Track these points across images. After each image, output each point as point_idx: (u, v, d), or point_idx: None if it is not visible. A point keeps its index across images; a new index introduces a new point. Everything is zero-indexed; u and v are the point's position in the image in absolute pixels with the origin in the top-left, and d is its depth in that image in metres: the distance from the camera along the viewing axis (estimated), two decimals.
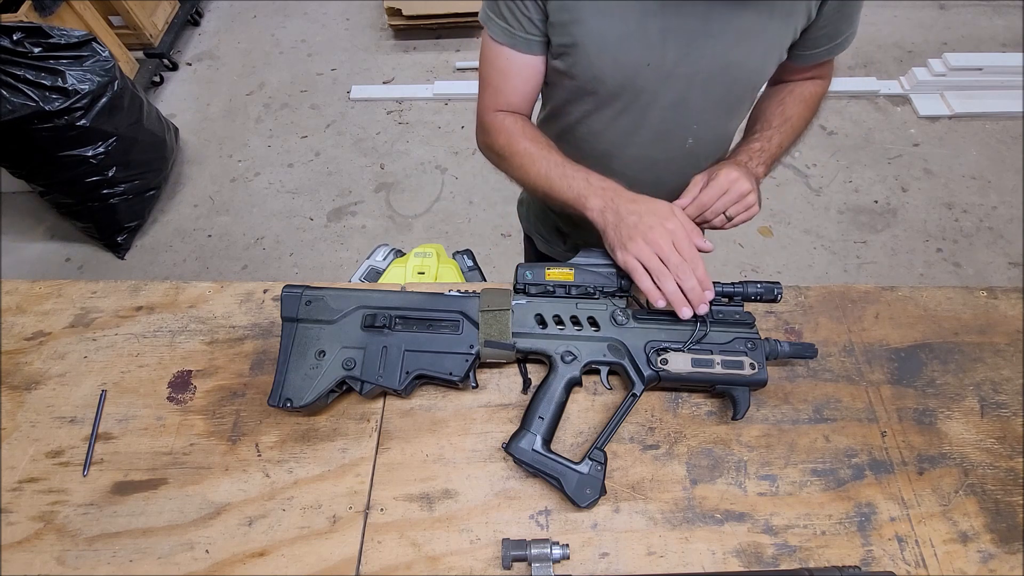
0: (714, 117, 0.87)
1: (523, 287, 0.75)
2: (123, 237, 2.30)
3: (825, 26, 0.81)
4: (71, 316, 0.84)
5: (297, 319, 0.72)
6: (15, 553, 0.65)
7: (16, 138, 1.93)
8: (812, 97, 0.93)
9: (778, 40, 0.79)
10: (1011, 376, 0.78)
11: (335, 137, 2.73)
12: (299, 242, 2.37)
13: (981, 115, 2.68)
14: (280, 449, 0.72)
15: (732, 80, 0.82)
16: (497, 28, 0.81)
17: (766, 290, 0.73)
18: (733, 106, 0.87)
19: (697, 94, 0.82)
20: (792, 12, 0.77)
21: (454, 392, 0.76)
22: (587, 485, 0.65)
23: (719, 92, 0.83)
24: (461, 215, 2.44)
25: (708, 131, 0.89)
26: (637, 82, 0.81)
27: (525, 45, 0.81)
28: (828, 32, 0.82)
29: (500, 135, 0.86)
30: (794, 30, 0.79)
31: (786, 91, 0.94)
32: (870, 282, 1.91)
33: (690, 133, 0.88)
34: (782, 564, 0.64)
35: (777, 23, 0.77)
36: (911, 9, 3.19)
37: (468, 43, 3.11)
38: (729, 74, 0.80)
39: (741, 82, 0.83)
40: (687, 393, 0.76)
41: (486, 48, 0.84)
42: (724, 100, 0.85)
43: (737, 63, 0.79)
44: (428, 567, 0.63)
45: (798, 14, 0.77)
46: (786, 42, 0.80)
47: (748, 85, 0.85)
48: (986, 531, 0.66)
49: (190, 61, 3.11)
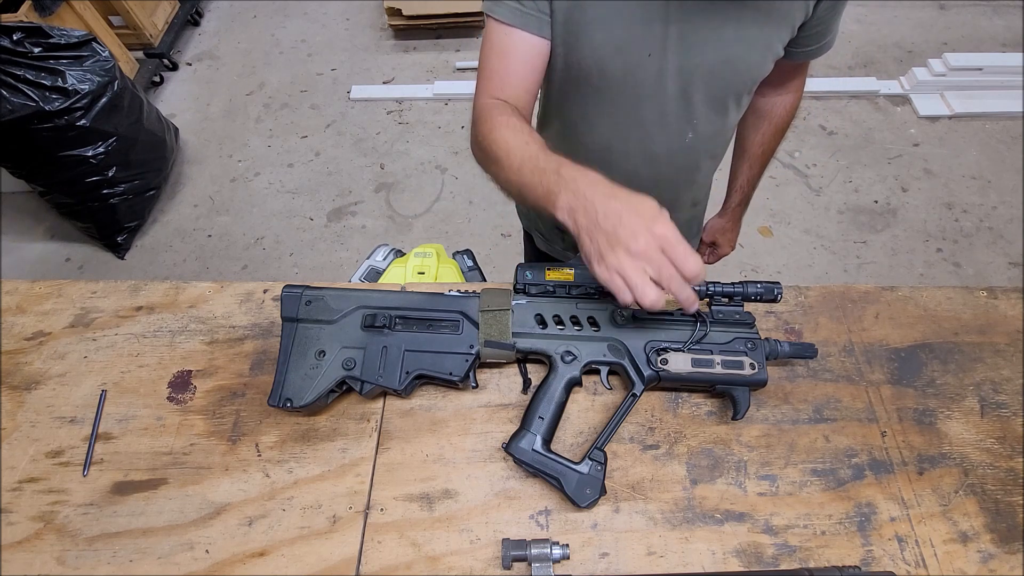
0: (713, 112, 0.88)
1: (523, 287, 0.75)
2: (123, 237, 2.30)
3: (817, 25, 0.82)
4: (71, 316, 0.84)
5: (297, 319, 0.72)
6: (15, 553, 0.65)
7: (16, 138, 1.93)
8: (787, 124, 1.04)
9: (777, 37, 0.80)
10: (1011, 376, 0.78)
11: (335, 137, 2.73)
12: (299, 242, 2.37)
13: (981, 115, 2.68)
14: (280, 449, 0.72)
15: (732, 74, 0.82)
16: (504, 9, 0.77)
17: (766, 290, 0.73)
18: (732, 101, 0.88)
19: (698, 88, 0.83)
20: (791, 9, 0.78)
21: (454, 392, 0.76)
22: (587, 485, 0.65)
23: (719, 87, 0.84)
24: (461, 215, 2.44)
25: (707, 125, 0.89)
26: (638, 73, 0.81)
27: (535, 24, 0.77)
28: (819, 31, 0.83)
29: (484, 123, 0.76)
30: (792, 27, 0.80)
31: (765, 123, 1.03)
32: (870, 282, 1.91)
33: (690, 127, 0.88)
34: (782, 564, 0.64)
35: (776, 20, 0.78)
36: (911, 9, 3.19)
37: (468, 43, 3.11)
38: (730, 68, 0.81)
39: (741, 76, 0.84)
40: (687, 393, 0.76)
41: (488, 35, 0.80)
42: (724, 95, 0.86)
43: (738, 58, 0.80)
44: (428, 567, 0.63)
45: (796, 12, 0.78)
46: (784, 38, 0.81)
47: (748, 80, 0.85)
48: (986, 531, 0.66)
49: (190, 61, 3.11)
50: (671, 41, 0.77)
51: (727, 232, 1.23)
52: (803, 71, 0.97)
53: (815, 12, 0.79)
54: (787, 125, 1.04)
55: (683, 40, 0.77)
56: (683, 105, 0.85)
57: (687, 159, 0.93)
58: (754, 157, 1.07)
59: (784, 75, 0.95)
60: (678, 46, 0.78)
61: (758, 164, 1.08)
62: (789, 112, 1.02)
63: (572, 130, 0.93)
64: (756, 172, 1.09)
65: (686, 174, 0.98)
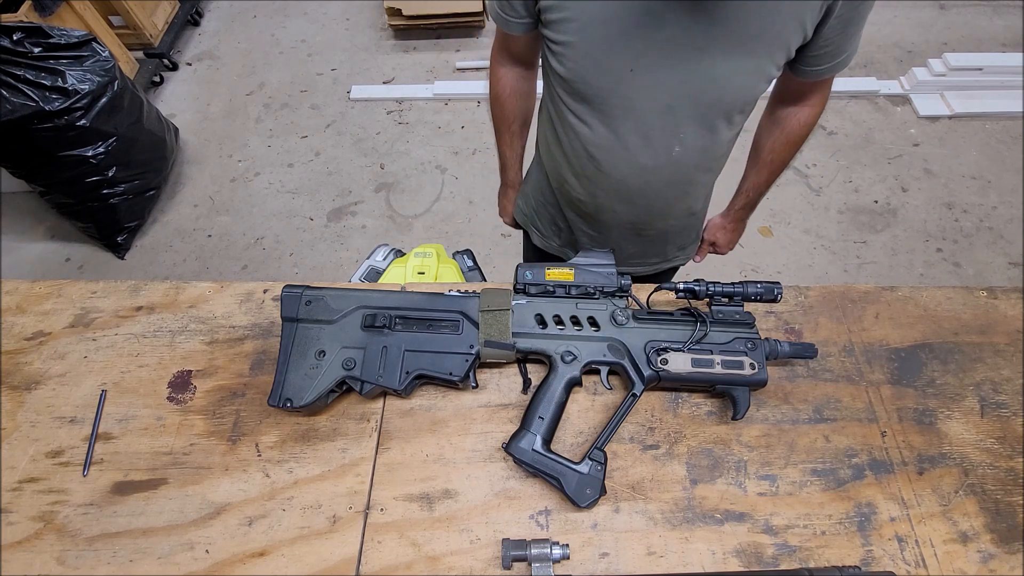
0: (702, 128, 0.86)
1: (523, 287, 0.75)
2: (123, 237, 2.30)
3: (827, 45, 0.80)
4: (71, 316, 0.84)
5: (297, 319, 0.72)
6: (15, 553, 0.65)
7: (16, 138, 1.93)
8: (801, 137, 1.00)
9: (769, 58, 0.78)
10: (1011, 376, 0.78)
11: (335, 137, 2.73)
12: (299, 242, 2.37)
13: (981, 115, 2.68)
14: (280, 449, 0.72)
15: (720, 93, 0.81)
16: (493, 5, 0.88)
17: (766, 290, 0.73)
18: (723, 119, 0.86)
19: (684, 104, 0.82)
20: (784, 31, 0.76)
21: (454, 392, 0.76)
22: (587, 485, 0.65)
23: (706, 104, 0.82)
24: (461, 215, 2.44)
25: (696, 141, 0.88)
26: (621, 87, 0.81)
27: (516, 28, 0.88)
28: (830, 51, 0.81)
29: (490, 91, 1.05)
30: (786, 50, 0.78)
31: (778, 131, 0.99)
32: (870, 282, 1.91)
33: (677, 142, 0.87)
34: (782, 564, 0.64)
35: (767, 43, 0.76)
36: (911, 9, 3.19)
37: (468, 43, 3.11)
38: (717, 87, 0.80)
39: (729, 96, 0.82)
40: (687, 393, 0.76)
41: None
42: (712, 112, 0.84)
43: (725, 77, 0.79)
44: (428, 567, 0.63)
45: (791, 33, 0.76)
46: (778, 60, 0.79)
47: (737, 99, 0.83)
48: (986, 531, 0.66)
49: (190, 61, 3.11)
50: (654, 59, 0.77)
51: (726, 231, 1.22)
52: (823, 87, 0.93)
53: (820, 33, 0.77)
54: (801, 139, 0.99)
55: (666, 59, 0.77)
56: (668, 120, 0.84)
57: (676, 172, 0.92)
58: (763, 164, 1.04)
59: (801, 89, 0.92)
60: (661, 64, 0.77)
61: (766, 171, 1.05)
62: (804, 126, 0.98)
63: (564, 133, 0.94)
64: (763, 179, 1.07)
65: (677, 186, 0.96)
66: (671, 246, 1.15)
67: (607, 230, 1.06)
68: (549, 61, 0.86)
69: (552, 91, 0.92)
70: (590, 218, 1.05)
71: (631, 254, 1.13)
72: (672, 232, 1.10)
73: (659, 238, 1.10)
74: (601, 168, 0.93)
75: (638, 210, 0.99)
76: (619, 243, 1.09)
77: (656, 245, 1.12)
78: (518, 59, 0.99)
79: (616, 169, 0.92)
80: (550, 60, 0.85)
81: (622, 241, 1.08)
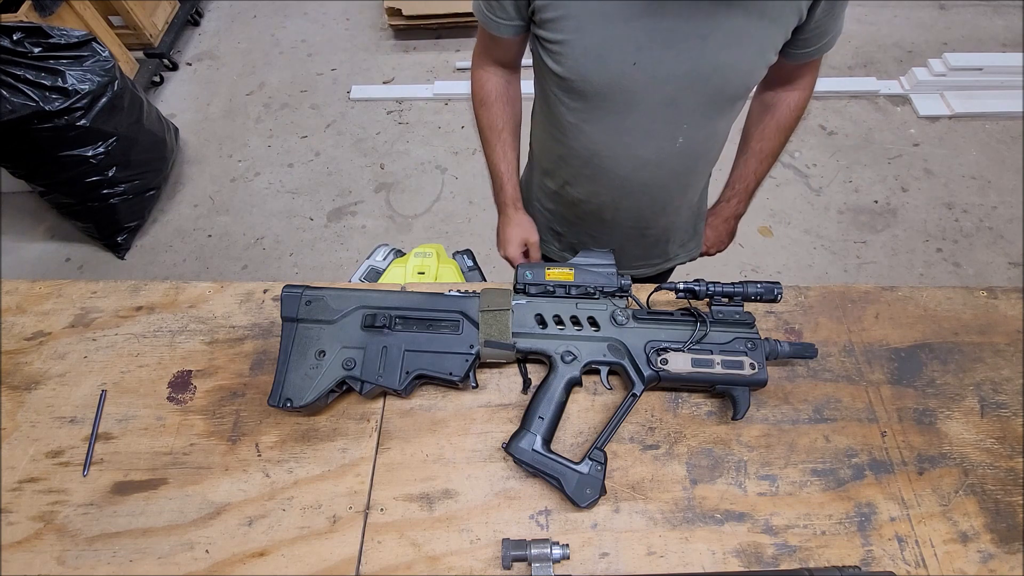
0: (705, 117, 0.87)
1: (523, 287, 0.75)
2: (123, 237, 2.30)
3: (816, 27, 0.81)
4: (71, 316, 0.84)
5: (297, 319, 0.72)
6: (15, 553, 0.65)
7: (16, 138, 1.93)
8: (792, 121, 1.00)
9: (770, 41, 0.79)
10: (1011, 376, 0.78)
11: (335, 137, 2.73)
12: (299, 242, 2.37)
13: (981, 115, 2.68)
14: (280, 449, 0.72)
15: (724, 81, 0.81)
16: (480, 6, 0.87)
17: (766, 290, 0.73)
18: (725, 106, 0.87)
19: (687, 95, 0.82)
20: (783, 13, 0.76)
21: (454, 392, 0.76)
22: (587, 485, 0.65)
23: (710, 93, 0.83)
24: (461, 215, 2.44)
25: (699, 131, 0.88)
26: (623, 82, 0.81)
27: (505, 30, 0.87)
28: (818, 32, 0.83)
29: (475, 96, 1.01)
30: (785, 31, 0.79)
31: (768, 117, 0.99)
32: (870, 282, 1.91)
33: (680, 133, 0.88)
34: (782, 564, 0.64)
35: (768, 24, 0.77)
36: (911, 9, 3.19)
37: (468, 43, 3.11)
38: (721, 75, 0.80)
39: (733, 83, 0.83)
40: (687, 393, 0.76)
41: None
42: (715, 101, 0.85)
43: (728, 64, 0.79)
44: (428, 567, 0.63)
45: (789, 15, 0.77)
46: (778, 43, 0.80)
47: (740, 86, 0.84)
48: (986, 531, 0.66)
49: (190, 61, 3.11)
50: (656, 52, 0.77)
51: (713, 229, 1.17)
52: (812, 69, 0.94)
53: (811, 15, 0.78)
54: (791, 124, 0.99)
55: (669, 48, 0.77)
56: (672, 112, 0.84)
57: (679, 164, 0.92)
58: (752, 152, 1.03)
59: (791, 72, 0.93)
60: (664, 56, 0.77)
61: (754, 160, 1.03)
62: (794, 109, 0.98)
63: (562, 134, 0.93)
64: (751, 169, 1.04)
65: (679, 178, 0.96)
66: (673, 244, 1.14)
67: (609, 232, 1.06)
68: (544, 61, 0.85)
69: (547, 92, 0.91)
70: (592, 219, 1.05)
71: (634, 256, 1.13)
72: (674, 228, 1.10)
73: (662, 237, 1.10)
74: (603, 166, 0.92)
75: (641, 207, 0.99)
76: (622, 245, 1.08)
77: (659, 245, 1.12)
78: (502, 62, 0.98)
79: (619, 166, 0.92)
80: (545, 60, 0.84)
81: (626, 243, 1.08)
